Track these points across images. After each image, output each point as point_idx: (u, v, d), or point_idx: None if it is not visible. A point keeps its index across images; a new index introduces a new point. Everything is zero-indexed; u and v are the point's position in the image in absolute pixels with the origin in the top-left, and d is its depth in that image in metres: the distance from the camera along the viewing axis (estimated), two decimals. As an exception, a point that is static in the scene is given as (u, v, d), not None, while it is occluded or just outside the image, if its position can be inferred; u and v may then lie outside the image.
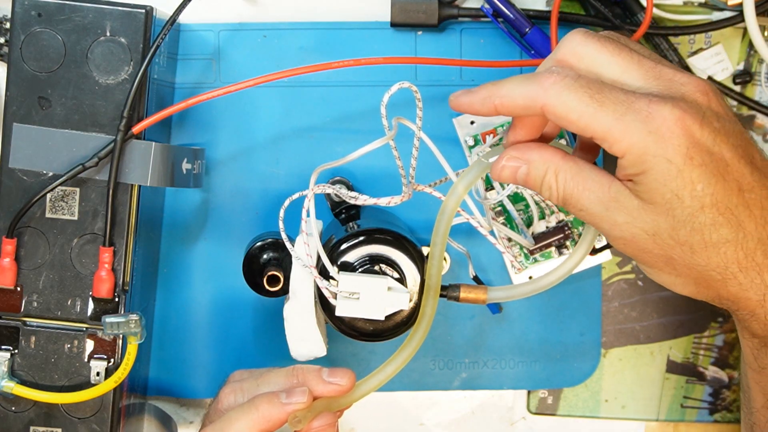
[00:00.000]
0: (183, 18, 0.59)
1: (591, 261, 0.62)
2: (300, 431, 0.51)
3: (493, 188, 0.61)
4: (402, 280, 0.54)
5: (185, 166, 0.57)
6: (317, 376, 0.52)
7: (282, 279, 0.56)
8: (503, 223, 0.62)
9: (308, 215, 0.52)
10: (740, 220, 0.45)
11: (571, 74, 0.45)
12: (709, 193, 0.44)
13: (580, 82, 0.45)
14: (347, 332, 0.54)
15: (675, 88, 0.45)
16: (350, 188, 0.62)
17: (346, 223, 0.57)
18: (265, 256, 0.57)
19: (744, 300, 0.47)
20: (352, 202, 0.53)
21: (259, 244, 0.57)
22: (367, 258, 0.54)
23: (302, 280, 0.54)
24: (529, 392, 0.66)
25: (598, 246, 0.58)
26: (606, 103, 0.44)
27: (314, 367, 0.53)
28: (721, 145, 0.44)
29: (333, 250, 0.54)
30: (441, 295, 0.53)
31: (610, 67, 0.46)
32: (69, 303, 0.55)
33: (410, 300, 0.54)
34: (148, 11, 0.54)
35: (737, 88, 0.64)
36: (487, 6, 0.61)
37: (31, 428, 0.56)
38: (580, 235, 0.62)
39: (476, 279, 0.59)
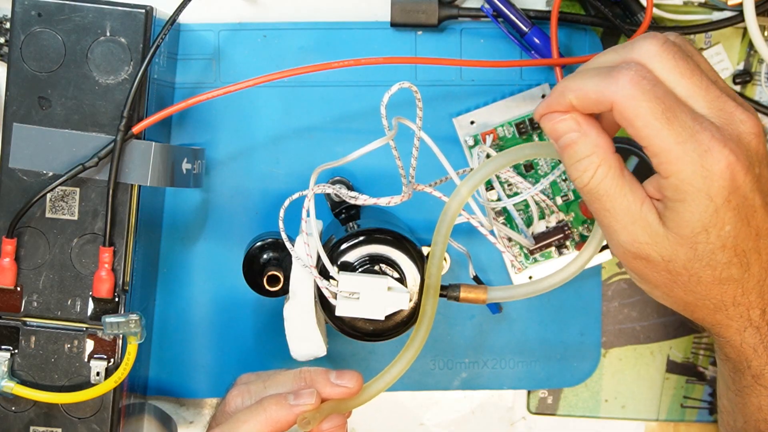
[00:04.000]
0: (183, 18, 0.59)
1: (591, 261, 0.62)
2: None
3: (493, 188, 0.61)
4: (402, 280, 0.54)
5: (185, 166, 0.57)
6: (325, 379, 0.52)
7: (282, 279, 0.56)
8: (503, 223, 0.62)
9: (308, 215, 0.52)
10: (749, 262, 0.47)
11: (648, 77, 0.45)
12: (733, 235, 0.46)
13: (655, 91, 0.44)
14: (347, 332, 0.54)
15: (734, 125, 0.46)
16: (350, 188, 0.62)
17: (346, 223, 0.57)
18: (265, 256, 0.57)
19: (725, 327, 0.49)
20: (352, 202, 0.53)
21: (259, 244, 0.57)
22: (367, 258, 0.54)
23: (302, 280, 0.54)
24: (529, 392, 0.66)
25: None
26: (674, 124, 0.44)
27: (322, 370, 0.53)
28: (755, 192, 0.46)
29: (333, 250, 0.54)
30: (441, 295, 0.53)
31: (678, 87, 0.45)
32: (69, 303, 0.55)
33: (410, 300, 0.54)
34: (148, 11, 0.54)
35: (737, 88, 0.64)
36: (487, 6, 0.61)
37: (31, 428, 0.56)
38: (580, 235, 0.62)
39: (476, 279, 0.59)
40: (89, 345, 0.55)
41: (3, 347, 0.55)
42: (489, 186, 0.61)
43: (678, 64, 0.45)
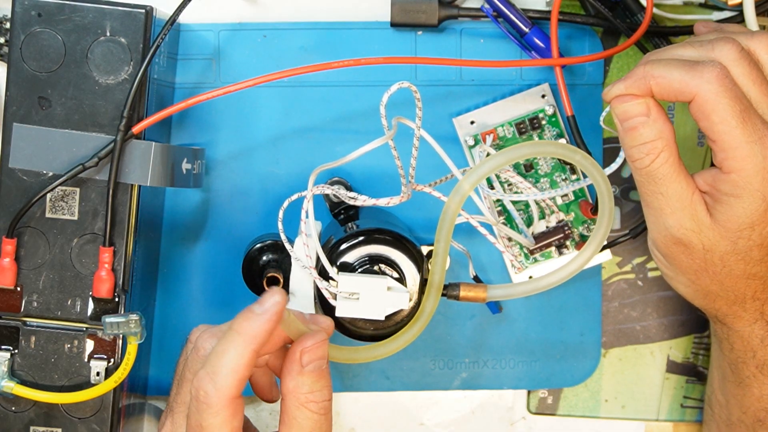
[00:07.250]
0: (183, 18, 0.59)
1: (591, 260, 0.62)
2: (293, 352, 0.47)
3: (493, 188, 0.61)
4: (401, 279, 0.54)
5: (185, 166, 0.57)
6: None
7: (281, 280, 0.56)
8: (503, 223, 0.62)
9: (307, 216, 0.52)
10: None
11: (730, 77, 0.47)
12: None
13: (735, 91, 0.47)
14: (347, 333, 0.54)
15: None
16: (349, 189, 0.62)
17: (345, 224, 0.57)
18: (264, 258, 0.57)
19: (738, 318, 0.52)
20: (351, 203, 0.53)
21: (258, 245, 0.57)
22: (366, 258, 0.54)
23: (302, 281, 0.54)
24: (529, 392, 0.66)
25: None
26: (747, 124, 0.47)
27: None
28: None
29: (332, 251, 0.54)
30: (441, 294, 0.53)
31: (750, 92, 0.48)
32: (69, 303, 0.55)
33: (410, 299, 0.54)
34: (148, 11, 0.54)
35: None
36: (487, 6, 0.61)
37: (31, 428, 0.56)
38: (580, 235, 0.62)
39: (476, 279, 0.59)
40: (89, 345, 0.55)
41: (3, 347, 0.55)
42: (489, 186, 0.61)
43: (752, 72, 0.48)
